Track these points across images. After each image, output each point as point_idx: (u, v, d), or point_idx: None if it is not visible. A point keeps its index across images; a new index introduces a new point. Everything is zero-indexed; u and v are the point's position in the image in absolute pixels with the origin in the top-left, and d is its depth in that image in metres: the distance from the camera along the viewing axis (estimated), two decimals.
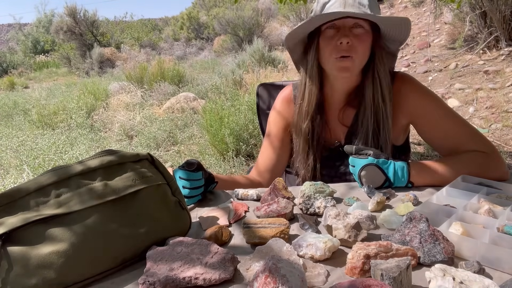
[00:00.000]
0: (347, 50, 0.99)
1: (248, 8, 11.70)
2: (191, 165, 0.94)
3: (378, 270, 0.56)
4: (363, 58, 1.03)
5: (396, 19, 0.99)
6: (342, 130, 1.15)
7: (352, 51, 0.99)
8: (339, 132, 1.16)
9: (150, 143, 4.20)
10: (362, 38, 1.01)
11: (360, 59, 1.02)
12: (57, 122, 5.44)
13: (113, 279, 0.68)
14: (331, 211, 0.76)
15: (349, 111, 1.13)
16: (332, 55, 1.01)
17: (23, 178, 3.14)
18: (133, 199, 0.72)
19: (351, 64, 1.01)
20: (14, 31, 25.89)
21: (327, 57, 1.03)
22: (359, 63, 1.03)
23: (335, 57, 1.01)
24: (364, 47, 1.01)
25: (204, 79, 7.30)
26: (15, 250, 0.62)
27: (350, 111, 1.13)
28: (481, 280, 0.53)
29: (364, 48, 1.01)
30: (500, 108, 3.55)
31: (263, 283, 0.54)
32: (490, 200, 0.80)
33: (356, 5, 0.99)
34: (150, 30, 22.85)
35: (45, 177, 0.69)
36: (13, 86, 11.30)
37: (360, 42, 1.00)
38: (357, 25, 1.01)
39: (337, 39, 1.00)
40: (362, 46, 1.01)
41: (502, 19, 4.39)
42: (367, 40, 1.02)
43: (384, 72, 1.06)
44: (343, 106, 1.14)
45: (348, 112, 1.14)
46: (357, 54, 1.00)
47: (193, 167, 0.94)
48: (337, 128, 1.16)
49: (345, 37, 0.98)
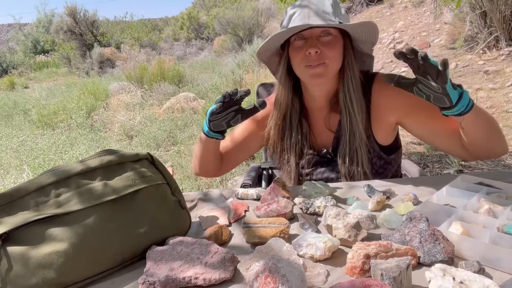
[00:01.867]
0: (317, 59, 1.00)
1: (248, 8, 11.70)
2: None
3: (378, 270, 0.56)
4: (336, 63, 1.04)
5: (359, 25, 0.99)
6: (329, 135, 1.15)
7: (322, 58, 1.00)
8: (327, 138, 1.16)
9: (150, 143, 4.20)
10: (331, 45, 1.01)
11: (333, 64, 1.02)
12: (57, 122, 5.44)
13: (113, 279, 0.68)
14: (331, 210, 0.76)
15: (334, 116, 1.14)
16: (301, 64, 1.02)
17: (23, 178, 3.14)
18: (133, 199, 0.72)
19: (323, 70, 1.01)
20: (14, 31, 25.90)
21: (298, 66, 1.04)
22: (332, 67, 1.03)
23: (304, 66, 1.02)
24: (334, 52, 1.02)
25: (204, 79, 7.30)
26: (15, 250, 0.62)
27: (335, 116, 1.13)
28: (481, 280, 0.53)
29: (335, 53, 1.02)
30: (500, 108, 3.55)
31: (263, 283, 0.54)
32: (490, 200, 0.80)
33: (320, 13, 1.00)
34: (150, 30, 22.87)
35: (45, 177, 0.69)
36: (13, 86, 11.31)
37: (330, 49, 1.01)
38: (325, 33, 1.01)
39: (305, 50, 1.00)
40: (332, 52, 1.01)
41: (502, 19, 4.39)
42: (337, 46, 1.02)
43: (353, 76, 1.06)
44: (328, 112, 1.14)
45: (333, 118, 1.14)
46: (329, 59, 1.01)
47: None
48: (324, 134, 1.16)
49: (313, 47, 0.99)
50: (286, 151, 1.17)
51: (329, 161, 1.15)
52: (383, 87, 1.09)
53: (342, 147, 1.10)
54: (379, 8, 8.67)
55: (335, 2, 1.04)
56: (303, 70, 1.03)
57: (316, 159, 1.16)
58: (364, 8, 9.33)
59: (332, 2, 1.03)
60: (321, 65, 1.01)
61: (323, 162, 1.16)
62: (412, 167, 1.39)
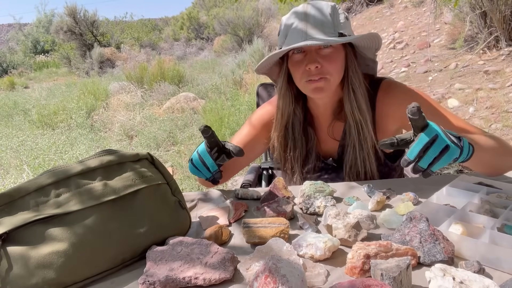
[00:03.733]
0: (318, 73, 0.97)
1: (248, 8, 11.70)
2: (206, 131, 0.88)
3: (378, 270, 0.56)
4: (337, 76, 1.01)
5: (359, 38, 0.97)
6: (334, 143, 1.14)
7: (323, 73, 0.97)
8: (332, 146, 1.14)
9: (150, 143, 4.20)
10: (332, 58, 0.97)
11: (334, 78, 0.99)
12: (57, 122, 5.44)
13: (113, 279, 0.68)
14: (331, 210, 0.76)
15: (338, 125, 1.12)
16: (302, 80, 0.99)
17: (23, 178, 3.14)
18: (133, 199, 0.72)
19: (324, 84, 0.98)
20: (14, 31, 25.89)
21: (298, 81, 1.02)
22: (334, 81, 1.00)
23: (305, 81, 0.99)
24: (335, 66, 0.99)
25: (204, 79, 7.30)
26: (15, 250, 0.62)
27: (338, 125, 1.11)
28: (481, 280, 0.53)
29: (336, 67, 0.99)
30: (500, 108, 3.55)
31: (263, 283, 0.54)
32: (490, 200, 0.80)
33: (318, 27, 0.96)
34: (150, 30, 22.85)
35: (45, 177, 0.69)
36: (13, 86, 11.31)
37: (330, 62, 0.97)
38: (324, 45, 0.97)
39: (305, 65, 0.97)
40: (333, 66, 0.98)
41: (502, 19, 4.39)
42: (337, 58, 0.99)
43: (359, 84, 1.03)
44: (331, 121, 1.12)
45: (337, 126, 1.12)
46: (330, 74, 0.98)
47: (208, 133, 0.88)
48: (329, 142, 1.14)
49: (313, 62, 0.95)
50: (290, 161, 1.15)
51: (334, 169, 1.14)
52: (388, 95, 1.07)
53: (349, 156, 1.08)
54: (379, 8, 8.67)
55: (334, 11, 1.00)
56: (304, 85, 1.00)
57: (321, 166, 1.15)
58: (364, 8, 9.32)
59: (330, 11, 0.98)
60: (322, 79, 0.97)
61: (328, 169, 1.15)
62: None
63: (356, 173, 1.08)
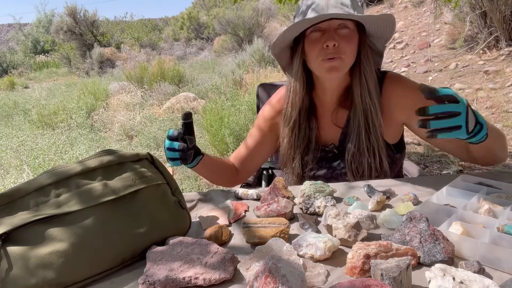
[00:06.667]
0: (334, 52, 0.99)
1: (248, 8, 11.69)
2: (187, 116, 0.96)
3: (378, 270, 0.56)
4: (352, 58, 1.03)
5: (380, 17, 0.99)
6: (336, 131, 1.15)
7: (339, 52, 0.99)
8: (334, 134, 1.16)
9: (150, 143, 4.20)
10: (349, 39, 1.00)
11: (349, 59, 1.02)
12: (57, 122, 5.44)
13: (113, 279, 0.68)
14: (331, 210, 0.76)
15: (342, 112, 1.14)
16: (319, 58, 1.01)
17: (23, 178, 3.14)
18: (133, 199, 0.72)
19: (339, 63, 1.01)
20: (14, 31, 25.88)
21: (314, 60, 1.03)
22: (348, 62, 1.03)
23: (322, 59, 1.01)
24: (351, 47, 1.01)
25: (204, 79, 7.30)
26: (15, 250, 0.62)
27: (342, 112, 1.14)
28: (481, 280, 0.53)
29: (351, 48, 1.01)
30: (500, 108, 3.55)
31: (263, 283, 0.54)
32: (490, 200, 0.80)
33: (339, 6, 0.99)
34: (150, 30, 22.83)
35: (45, 177, 0.69)
36: (13, 86, 11.31)
37: (347, 42, 1.00)
38: (342, 26, 1.00)
39: (323, 42, 0.99)
40: (349, 46, 1.01)
41: (502, 19, 4.39)
42: (353, 40, 1.02)
43: (370, 71, 1.06)
44: (335, 108, 1.14)
45: (341, 114, 1.14)
46: (345, 54, 1.00)
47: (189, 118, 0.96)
48: (331, 130, 1.16)
49: (331, 40, 0.98)
50: (293, 148, 1.17)
51: (334, 157, 1.16)
52: (394, 85, 1.09)
53: (352, 143, 1.09)
54: (379, 8, 8.67)
55: None
56: (320, 63, 1.02)
57: (321, 155, 1.17)
58: (364, 8, 9.33)
59: None
60: (338, 58, 1.00)
61: (328, 158, 1.16)
62: (412, 167, 1.39)
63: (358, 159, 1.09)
